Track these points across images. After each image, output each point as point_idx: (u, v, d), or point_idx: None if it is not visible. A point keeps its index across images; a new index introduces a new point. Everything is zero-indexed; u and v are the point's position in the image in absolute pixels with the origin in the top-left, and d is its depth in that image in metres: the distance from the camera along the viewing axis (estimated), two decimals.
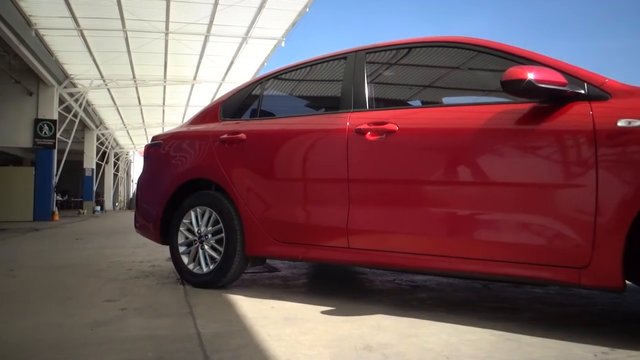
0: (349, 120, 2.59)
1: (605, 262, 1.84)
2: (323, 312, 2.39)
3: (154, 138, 3.74)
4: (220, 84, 16.24)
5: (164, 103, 19.06)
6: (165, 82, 15.78)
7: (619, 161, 1.84)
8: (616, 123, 1.86)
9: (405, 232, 2.34)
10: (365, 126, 2.49)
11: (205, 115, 3.48)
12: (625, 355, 1.72)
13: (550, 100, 2.04)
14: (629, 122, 1.84)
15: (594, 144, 1.89)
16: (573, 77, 2.04)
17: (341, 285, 3.24)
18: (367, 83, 2.68)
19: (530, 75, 1.94)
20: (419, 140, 2.35)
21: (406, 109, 2.63)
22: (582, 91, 2.00)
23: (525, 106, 2.10)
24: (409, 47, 2.71)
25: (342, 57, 2.87)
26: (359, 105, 2.63)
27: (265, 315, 2.36)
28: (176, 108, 19.98)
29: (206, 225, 3.07)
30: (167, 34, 11.93)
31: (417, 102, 2.79)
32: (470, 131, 2.20)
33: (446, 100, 2.73)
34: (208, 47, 13.01)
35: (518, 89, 1.98)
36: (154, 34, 11.77)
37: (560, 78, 1.99)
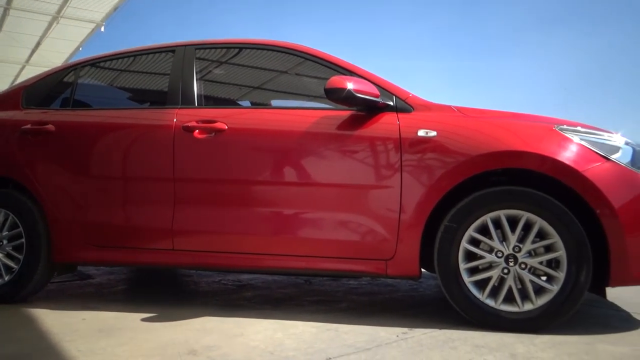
0: (176, 116, 2.49)
1: (407, 254, 2.13)
2: (144, 320, 2.25)
3: None
4: (24, 67, 14.16)
5: None
6: None
7: (418, 166, 2.14)
8: (417, 133, 2.17)
9: (232, 232, 2.35)
10: (193, 124, 2.43)
11: (3, 102, 2.98)
12: (420, 333, 2.01)
13: (366, 109, 2.27)
14: (427, 132, 2.15)
15: (399, 151, 2.16)
16: (384, 90, 2.31)
17: (165, 290, 3.09)
18: (197, 79, 2.61)
19: (350, 85, 2.14)
20: (247, 141, 2.38)
21: (236, 108, 2.64)
22: (391, 103, 2.28)
23: (345, 113, 2.29)
24: (240, 47, 2.73)
25: (170, 49, 2.74)
26: (187, 101, 2.55)
27: (75, 328, 2.12)
28: None
29: (0, 230, 2.63)
30: None
31: (247, 103, 2.83)
32: (296, 134, 2.32)
33: (275, 102, 2.82)
34: (8, 22, 11.19)
35: (339, 97, 2.16)
36: None
37: (375, 90, 2.22)
